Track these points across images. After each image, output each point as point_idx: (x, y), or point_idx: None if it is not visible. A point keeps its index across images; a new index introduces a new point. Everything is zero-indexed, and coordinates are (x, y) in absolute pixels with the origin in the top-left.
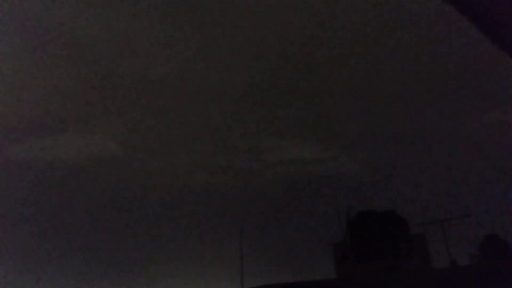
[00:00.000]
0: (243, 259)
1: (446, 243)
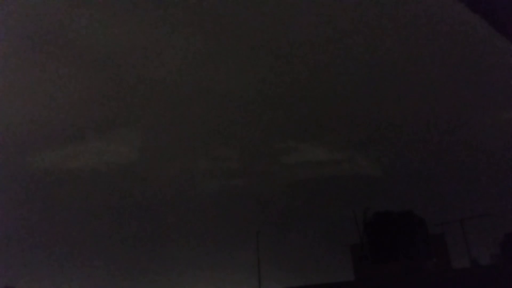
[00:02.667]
0: (261, 262)
1: (466, 243)
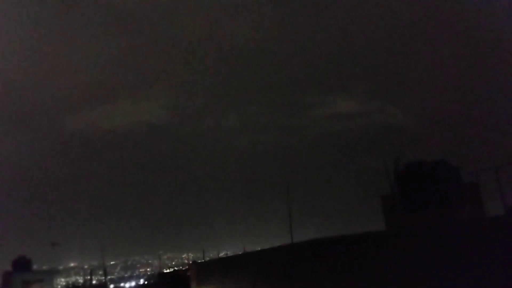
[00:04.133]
0: (292, 213)
1: (500, 190)
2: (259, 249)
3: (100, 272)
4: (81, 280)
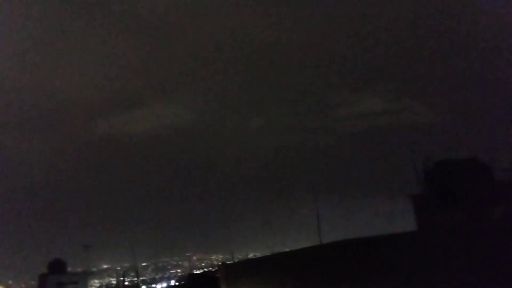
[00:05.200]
0: (320, 215)
1: None
2: (287, 250)
3: (132, 274)
4: (114, 282)
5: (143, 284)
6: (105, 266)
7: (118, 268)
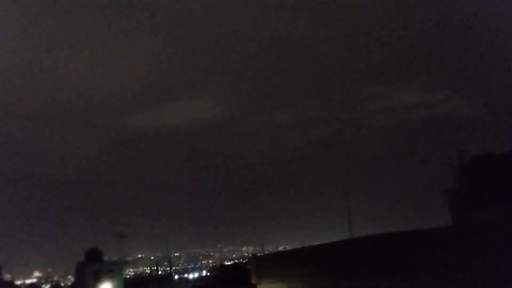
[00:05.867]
0: (351, 209)
1: None
2: (318, 243)
3: (166, 263)
4: (148, 271)
5: (176, 274)
6: (139, 256)
7: (152, 258)
